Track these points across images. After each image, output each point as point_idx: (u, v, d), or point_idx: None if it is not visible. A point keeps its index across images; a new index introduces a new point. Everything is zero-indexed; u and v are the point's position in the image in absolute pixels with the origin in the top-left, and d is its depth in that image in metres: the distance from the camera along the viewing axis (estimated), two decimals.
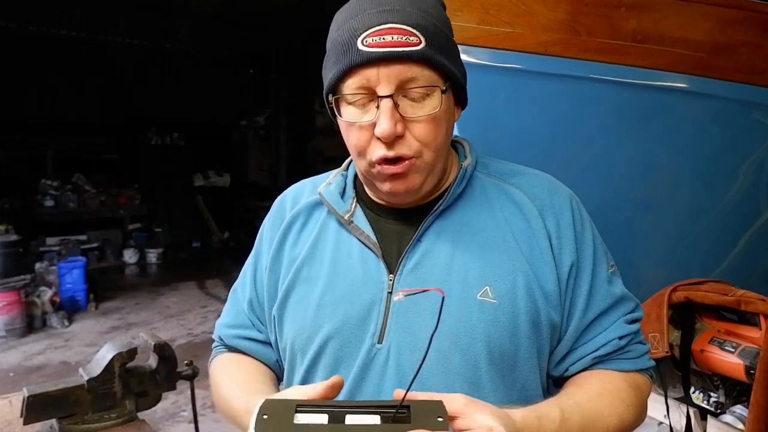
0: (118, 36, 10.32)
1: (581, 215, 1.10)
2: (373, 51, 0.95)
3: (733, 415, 1.97)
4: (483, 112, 1.97)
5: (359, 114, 1.00)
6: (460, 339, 0.99)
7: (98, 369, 1.28)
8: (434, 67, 0.98)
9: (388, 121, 0.95)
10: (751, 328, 1.93)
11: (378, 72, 0.95)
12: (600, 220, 1.15)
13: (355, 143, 1.02)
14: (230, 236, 11.52)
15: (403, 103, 0.97)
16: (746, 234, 2.35)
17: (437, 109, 0.98)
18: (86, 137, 10.62)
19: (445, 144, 1.05)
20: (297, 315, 1.10)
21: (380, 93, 0.96)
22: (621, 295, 1.08)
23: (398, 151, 0.98)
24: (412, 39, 0.95)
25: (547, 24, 1.92)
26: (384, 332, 1.02)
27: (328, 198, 1.15)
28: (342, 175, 1.21)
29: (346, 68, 0.97)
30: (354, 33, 0.97)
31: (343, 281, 1.07)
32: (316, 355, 1.06)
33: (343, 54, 0.98)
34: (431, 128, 0.99)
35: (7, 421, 1.30)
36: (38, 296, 6.37)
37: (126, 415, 1.31)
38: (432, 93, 0.98)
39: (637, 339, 1.09)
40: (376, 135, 0.97)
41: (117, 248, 10.06)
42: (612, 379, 1.04)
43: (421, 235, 1.07)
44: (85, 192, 10.06)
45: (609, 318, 1.06)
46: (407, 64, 0.95)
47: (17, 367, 5.20)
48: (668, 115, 2.10)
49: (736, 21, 2.08)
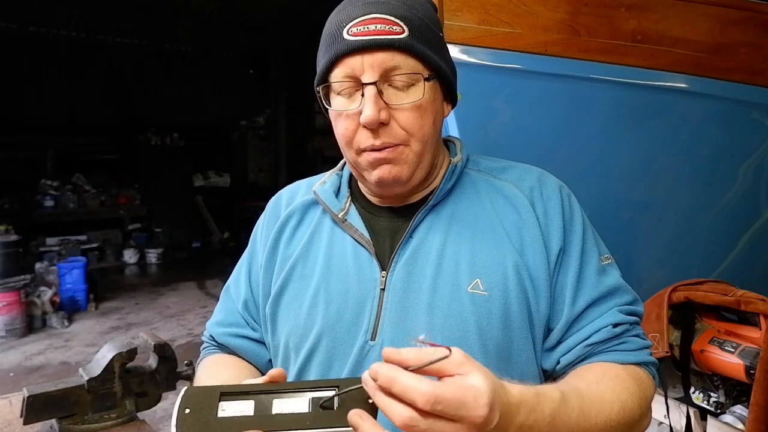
0: (118, 36, 10.34)
1: (570, 204, 1.10)
2: (357, 39, 0.97)
3: (733, 415, 1.97)
4: (483, 112, 1.97)
5: (346, 103, 1.02)
6: (452, 333, 0.99)
7: (98, 369, 1.28)
8: (418, 57, 0.99)
9: (372, 108, 0.96)
10: (751, 328, 1.93)
11: (362, 60, 0.97)
12: (600, 220, 1.15)
13: (342, 132, 1.03)
14: (230, 236, 11.53)
15: (387, 91, 0.99)
16: (746, 234, 2.35)
17: (421, 97, 0.99)
18: (86, 137, 10.63)
19: (433, 135, 1.05)
20: (290, 312, 1.10)
21: (364, 80, 0.97)
22: (615, 286, 1.06)
23: (384, 139, 0.99)
24: (395, 28, 0.97)
25: (547, 24, 1.92)
26: (377, 329, 1.02)
27: (323, 196, 1.16)
28: (337, 175, 1.22)
29: (333, 58, 0.99)
30: (340, 24, 0.99)
31: (336, 279, 1.08)
32: (310, 353, 1.06)
33: (330, 45, 1.01)
34: (416, 117, 1.00)
35: (7, 422, 1.29)
36: (38, 296, 6.37)
37: (126, 415, 1.30)
38: (416, 82, 1.00)
39: (634, 331, 1.05)
40: (360, 122, 0.99)
41: (117, 248, 10.08)
42: (611, 368, 1.00)
43: (412, 231, 1.07)
44: (85, 192, 10.08)
45: (601, 307, 1.04)
46: (390, 51, 0.97)
47: (17, 368, 5.20)
48: (668, 115, 2.11)
49: (736, 21, 2.08)
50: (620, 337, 1.02)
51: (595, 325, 1.02)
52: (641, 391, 0.99)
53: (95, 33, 10.09)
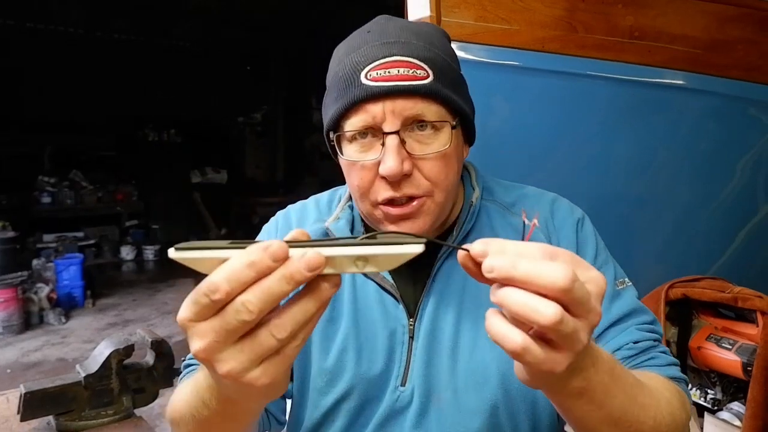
0: (115, 33, 10.30)
1: (583, 230, 1.05)
2: (378, 85, 0.89)
3: (731, 412, 1.98)
4: (480, 110, 1.97)
5: (362, 152, 0.94)
6: (476, 378, 0.95)
7: (95, 366, 1.28)
8: (443, 103, 0.92)
9: (395, 159, 0.89)
10: (747, 324, 1.93)
11: (383, 107, 0.89)
12: (597, 216, 1.15)
13: (357, 184, 0.96)
14: (227, 232, 11.51)
15: (409, 140, 0.91)
16: (743, 230, 2.35)
17: (447, 145, 0.92)
18: (83, 134, 10.59)
19: (455, 183, 0.99)
20: (316, 353, 1.04)
21: (386, 129, 0.90)
22: (632, 308, 0.99)
23: (406, 191, 0.92)
24: (419, 72, 0.90)
25: (545, 21, 1.92)
26: (407, 375, 0.99)
27: (338, 235, 1.07)
28: (349, 206, 1.14)
29: (349, 104, 0.91)
30: (357, 67, 0.91)
31: (364, 323, 1.03)
32: (340, 398, 1.02)
33: (345, 89, 0.92)
34: (441, 166, 0.93)
35: (5, 418, 1.29)
36: (35, 293, 6.36)
37: (123, 411, 1.31)
38: (441, 129, 0.93)
39: (659, 348, 0.97)
40: (381, 174, 0.91)
41: (114, 245, 10.06)
42: (651, 374, 0.90)
43: (434, 276, 1.02)
44: (82, 189, 10.04)
45: (618, 328, 0.97)
46: (414, 99, 0.90)
47: (14, 364, 5.20)
48: (666, 111, 2.11)
49: (733, 18, 2.09)
50: (647, 353, 0.95)
51: (615, 343, 0.96)
52: (684, 405, 0.88)
53: (93, 30, 10.06)
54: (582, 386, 0.65)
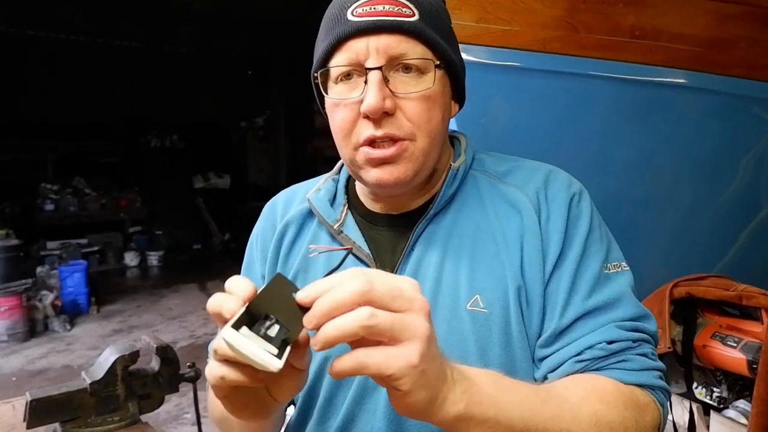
0: (118, 39, 10.33)
1: (578, 203, 0.99)
2: (362, 20, 0.88)
3: (736, 410, 1.97)
4: (482, 111, 1.97)
5: (346, 91, 0.93)
6: (453, 352, 0.89)
7: (101, 372, 1.28)
8: (428, 43, 0.91)
9: (376, 94, 0.87)
10: (752, 322, 1.93)
11: (367, 43, 0.89)
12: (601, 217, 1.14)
13: (339, 124, 0.95)
14: (231, 237, 11.53)
15: (394, 79, 0.91)
16: (747, 228, 2.35)
17: (431, 86, 0.91)
18: (86, 140, 10.63)
19: (441, 132, 0.97)
20: None
21: (368, 65, 0.89)
22: (616, 297, 0.92)
23: (387, 130, 0.90)
24: (405, 11, 0.89)
25: (545, 21, 1.92)
26: None
27: (317, 205, 1.08)
28: (333, 180, 1.14)
29: (335, 40, 0.91)
30: (344, 4, 0.91)
31: None
32: (318, 375, 1.01)
33: (332, 28, 0.93)
34: (425, 108, 0.91)
35: (11, 426, 1.29)
36: (40, 300, 6.37)
37: (129, 417, 1.30)
38: (426, 70, 0.92)
39: (639, 350, 0.90)
40: (362, 112, 0.90)
41: (118, 251, 10.09)
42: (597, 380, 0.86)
43: (413, 245, 1.00)
44: (85, 195, 10.08)
45: (597, 320, 0.91)
46: (399, 35, 0.89)
47: (20, 372, 5.21)
48: (667, 111, 2.10)
49: (734, 16, 2.08)
50: (619, 355, 0.89)
51: (586, 341, 0.89)
52: (637, 414, 0.84)
53: (96, 35, 10.09)
54: (459, 410, 0.67)
